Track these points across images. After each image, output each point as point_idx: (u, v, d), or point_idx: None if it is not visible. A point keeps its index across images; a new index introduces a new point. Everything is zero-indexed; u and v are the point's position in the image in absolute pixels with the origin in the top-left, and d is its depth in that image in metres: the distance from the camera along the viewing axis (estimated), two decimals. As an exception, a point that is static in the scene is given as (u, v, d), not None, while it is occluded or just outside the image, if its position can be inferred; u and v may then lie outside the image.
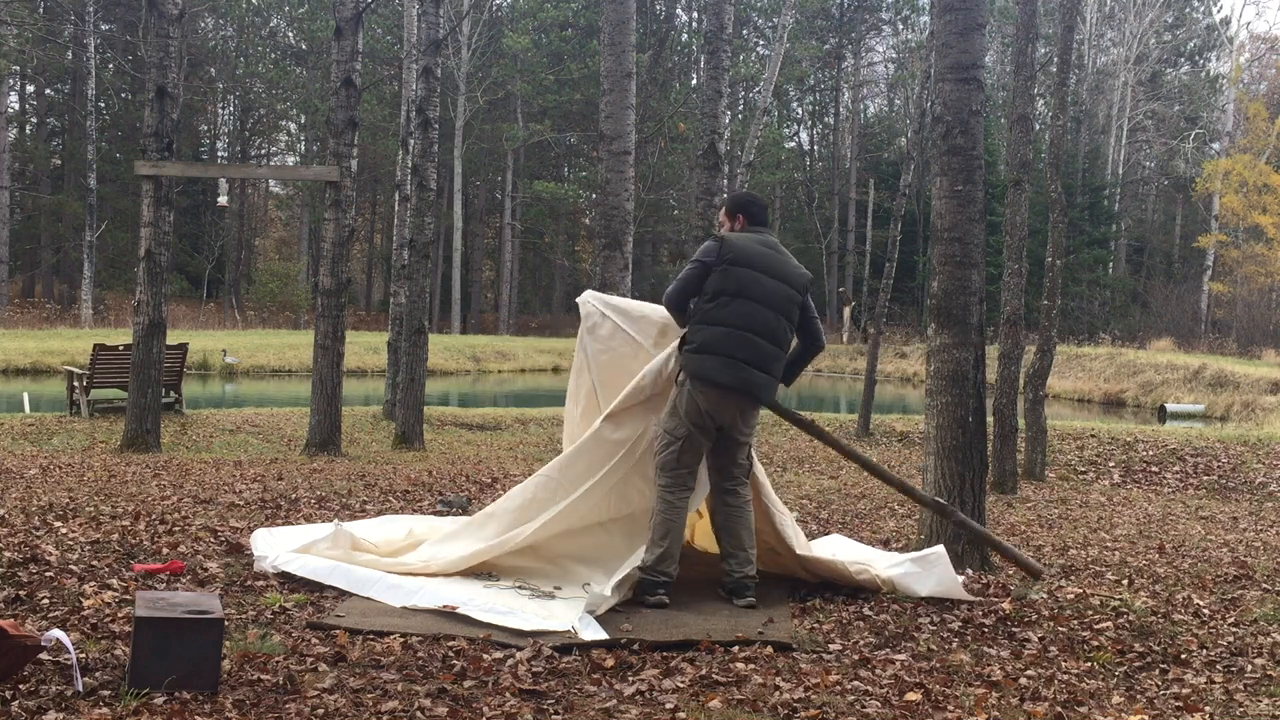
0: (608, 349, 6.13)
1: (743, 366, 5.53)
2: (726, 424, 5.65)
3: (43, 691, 3.82)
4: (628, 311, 6.17)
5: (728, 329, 5.52)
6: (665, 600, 5.46)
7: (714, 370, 5.53)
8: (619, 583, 5.38)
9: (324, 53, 40.95)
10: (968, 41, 6.81)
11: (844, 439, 16.41)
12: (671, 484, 5.61)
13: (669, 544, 5.53)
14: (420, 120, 14.43)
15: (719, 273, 5.57)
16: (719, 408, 5.58)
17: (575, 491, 5.75)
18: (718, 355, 5.52)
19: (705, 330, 5.56)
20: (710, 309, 5.57)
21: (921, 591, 5.81)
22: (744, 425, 5.71)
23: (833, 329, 44.48)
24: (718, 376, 5.53)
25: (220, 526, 7.01)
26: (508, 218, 46.11)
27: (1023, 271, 12.08)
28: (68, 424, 14.80)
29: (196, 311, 41.06)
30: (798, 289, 5.71)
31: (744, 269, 5.56)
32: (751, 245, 5.64)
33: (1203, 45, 49.16)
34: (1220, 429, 18.58)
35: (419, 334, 14.16)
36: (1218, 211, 42.98)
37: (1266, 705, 4.42)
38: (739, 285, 5.55)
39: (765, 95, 20.12)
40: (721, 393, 5.55)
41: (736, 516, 5.71)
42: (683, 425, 5.58)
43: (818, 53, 48.48)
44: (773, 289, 5.60)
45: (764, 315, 5.56)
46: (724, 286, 5.55)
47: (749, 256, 5.59)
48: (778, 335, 5.64)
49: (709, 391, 5.55)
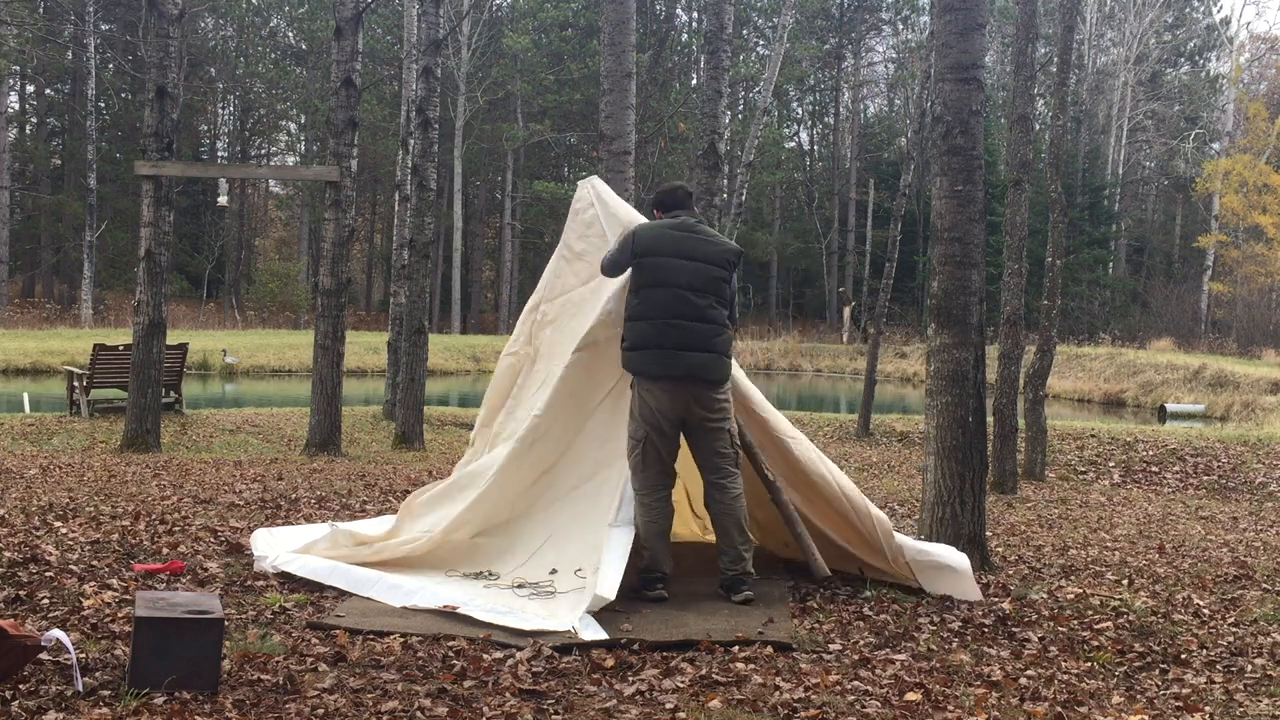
0: (582, 238, 6.25)
1: (674, 353, 5.54)
2: (684, 415, 5.61)
3: (43, 691, 3.82)
4: (615, 212, 6.21)
5: (650, 321, 5.58)
6: (664, 594, 5.49)
7: (649, 364, 5.56)
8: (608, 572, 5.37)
9: (324, 53, 40.94)
10: (968, 41, 6.81)
11: (844, 439, 16.40)
12: (643, 486, 5.62)
13: (655, 544, 5.57)
14: (420, 120, 14.43)
15: (634, 267, 5.65)
16: (668, 401, 5.57)
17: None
18: (648, 349, 5.56)
19: (633, 326, 5.63)
20: (635, 305, 5.63)
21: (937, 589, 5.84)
22: (706, 411, 5.62)
23: (833, 329, 44.50)
24: (653, 369, 5.55)
25: (220, 526, 7.01)
26: (508, 218, 46.10)
27: (1023, 271, 12.08)
28: (68, 424, 14.79)
29: (196, 311, 41.05)
30: (719, 264, 5.71)
31: (654, 258, 5.62)
32: (662, 233, 5.70)
33: (1203, 45, 49.14)
34: (1220, 429, 18.58)
35: (419, 334, 14.16)
36: (1218, 211, 42.97)
37: (1266, 705, 4.42)
38: (654, 276, 5.61)
39: (765, 95, 20.13)
40: (664, 384, 5.56)
41: (725, 511, 5.67)
42: (640, 427, 5.60)
43: (818, 53, 48.46)
44: (689, 270, 5.62)
45: (685, 298, 5.58)
46: (640, 279, 5.64)
47: (659, 244, 5.65)
48: (706, 313, 5.62)
49: (652, 387, 5.57)
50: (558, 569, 5.62)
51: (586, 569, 5.45)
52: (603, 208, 6.24)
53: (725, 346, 5.68)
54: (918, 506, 8.27)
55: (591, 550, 5.49)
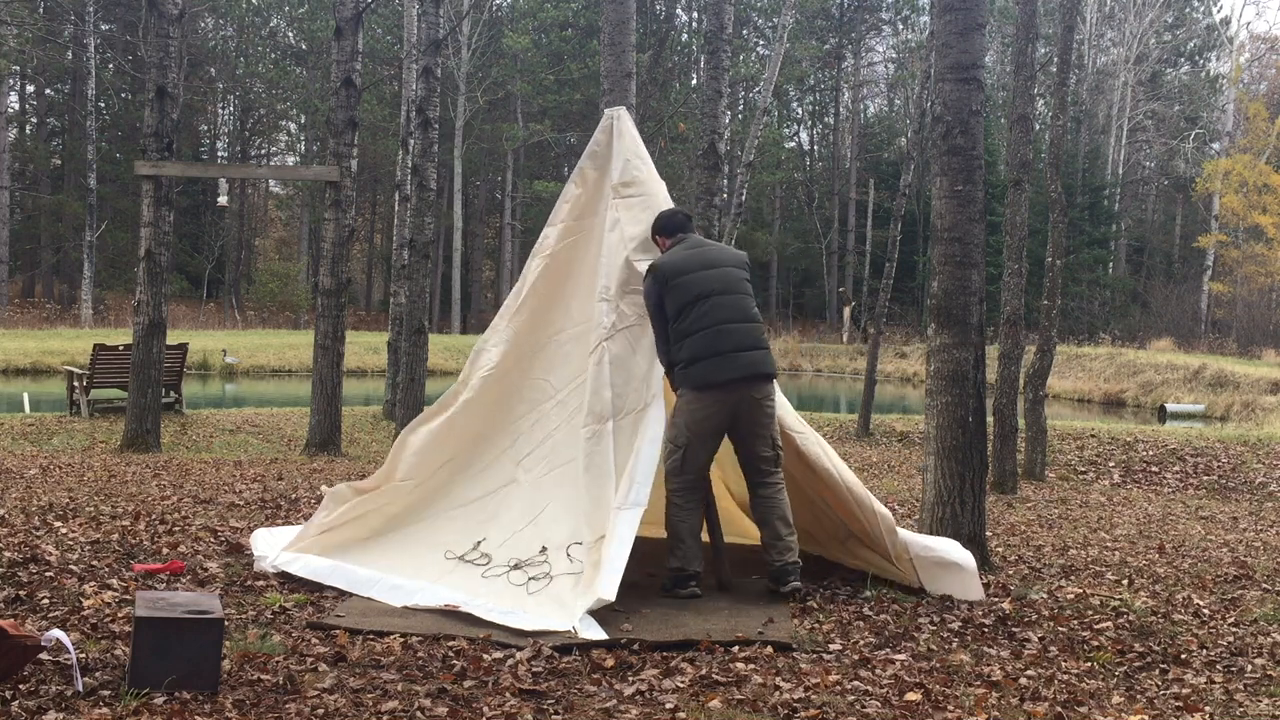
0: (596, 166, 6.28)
1: (733, 356, 5.66)
2: (733, 422, 5.72)
3: (43, 691, 3.82)
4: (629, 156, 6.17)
5: (702, 333, 5.65)
6: (698, 591, 5.62)
7: (712, 372, 5.63)
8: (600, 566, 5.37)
9: (324, 53, 40.93)
10: (968, 41, 6.81)
11: (845, 439, 16.40)
12: (680, 488, 5.72)
13: (688, 543, 5.66)
14: (420, 120, 14.42)
15: (668, 297, 5.71)
16: (721, 410, 5.66)
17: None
18: (707, 359, 5.63)
19: (686, 344, 5.68)
20: (682, 327, 5.69)
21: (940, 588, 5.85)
22: (754, 414, 5.74)
23: (833, 329, 44.48)
24: (718, 376, 5.63)
25: (220, 526, 7.01)
26: (508, 218, 46.09)
27: (1023, 271, 12.07)
28: (68, 424, 14.79)
29: (196, 311, 41.03)
30: (738, 266, 5.90)
31: (683, 278, 5.71)
32: (677, 255, 5.81)
33: (1203, 45, 49.11)
34: (1220, 429, 18.58)
35: (419, 334, 14.13)
36: (1218, 211, 42.96)
37: (1266, 705, 4.42)
38: (690, 294, 5.70)
39: (765, 95, 20.13)
40: (721, 392, 5.65)
41: (770, 507, 5.77)
42: (683, 435, 5.69)
43: (818, 53, 48.44)
44: (717, 277, 5.76)
45: (724, 304, 5.71)
46: (679, 302, 5.69)
47: (683, 265, 5.75)
48: (746, 311, 5.80)
49: (706, 398, 5.65)
50: (548, 547, 5.60)
51: (581, 545, 5.44)
52: (619, 141, 6.21)
53: (765, 338, 5.88)
54: (918, 506, 8.27)
55: (585, 527, 5.49)
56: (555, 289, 6.25)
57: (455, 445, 6.12)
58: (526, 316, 6.23)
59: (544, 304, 6.24)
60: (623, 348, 5.82)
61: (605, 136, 6.26)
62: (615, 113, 6.33)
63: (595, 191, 6.25)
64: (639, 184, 6.11)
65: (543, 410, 6.08)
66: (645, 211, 6.05)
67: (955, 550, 5.99)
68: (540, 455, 6.00)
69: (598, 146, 6.28)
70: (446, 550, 5.76)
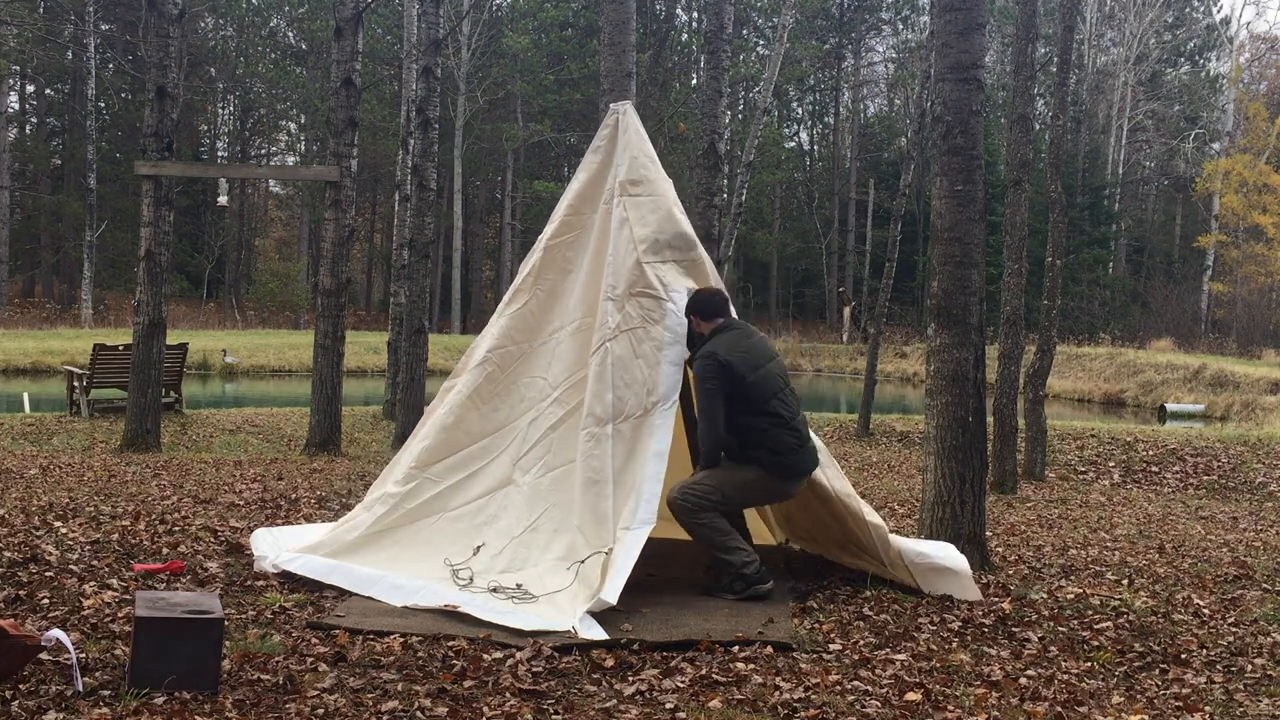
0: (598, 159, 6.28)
1: (807, 445, 5.89)
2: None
3: (43, 691, 3.82)
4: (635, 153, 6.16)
5: (785, 427, 5.80)
6: (768, 577, 5.72)
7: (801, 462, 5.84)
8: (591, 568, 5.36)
9: (324, 53, 40.92)
10: (968, 41, 6.81)
11: (845, 439, 16.40)
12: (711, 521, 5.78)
13: (736, 542, 5.74)
14: (420, 120, 14.42)
15: (743, 391, 5.76)
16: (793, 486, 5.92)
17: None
18: (794, 451, 5.80)
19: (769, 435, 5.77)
20: (758, 422, 5.77)
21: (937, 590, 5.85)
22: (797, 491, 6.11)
23: (833, 329, 44.49)
24: (805, 466, 5.86)
25: (220, 526, 7.01)
26: (508, 218, 46.08)
27: (1023, 271, 12.08)
28: (68, 424, 14.79)
29: (196, 311, 41.03)
30: (777, 356, 6.12)
31: (757, 372, 5.80)
32: (741, 346, 5.85)
33: (1203, 45, 49.10)
34: (1220, 429, 18.57)
35: (419, 334, 14.15)
36: (1218, 211, 42.96)
37: (1266, 705, 4.42)
38: (767, 388, 5.81)
39: (765, 95, 20.12)
40: (799, 482, 5.92)
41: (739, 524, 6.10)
42: (736, 496, 5.86)
43: (818, 53, 48.43)
44: (779, 368, 5.97)
45: (789, 397, 5.93)
46: (757, 396, 5.77)
47: (750, 357, 5.83)
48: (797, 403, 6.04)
49: (798, 482, 5.91)
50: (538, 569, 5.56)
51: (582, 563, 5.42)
52: (625, 136, 6.19)
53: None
54: (918, 506, 8.27)
55: (582, 541, 5.50)
56: (554, 283, 6.25)
57: (456, 443, 6.12)
58: (521, 307, 6.26)
59: (542, 298, 6.24)
60: (625, 350, 5.80)
61: (610, 130, 6.24)
62: (621, 108, 6.30)
63: (596, 185, 6.23)
64: (647, 183, 6.08)
65: (540, 409, 6.06)
66: (654, 213, 6.01)
67: (949, 556, 5.99)
68: (537, 455, 5.98)
69: (601, 140, 6.26)
70: (446, 557, 5.77)
